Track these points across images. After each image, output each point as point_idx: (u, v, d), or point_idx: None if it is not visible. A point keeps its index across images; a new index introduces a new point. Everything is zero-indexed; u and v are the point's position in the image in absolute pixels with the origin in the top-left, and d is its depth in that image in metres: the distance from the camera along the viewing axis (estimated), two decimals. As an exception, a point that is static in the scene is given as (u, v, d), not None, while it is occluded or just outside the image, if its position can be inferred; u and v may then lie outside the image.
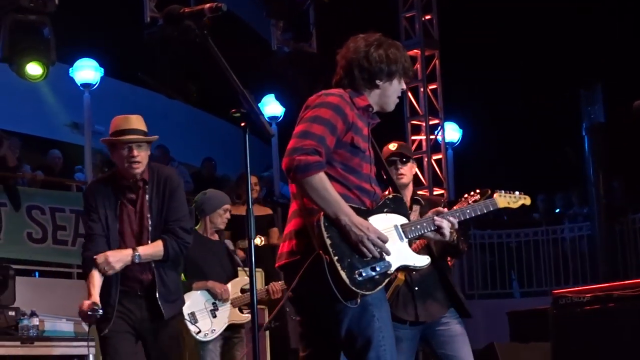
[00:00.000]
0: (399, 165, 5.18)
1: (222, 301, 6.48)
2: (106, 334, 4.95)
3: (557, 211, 14.49)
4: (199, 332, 6.33)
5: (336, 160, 3.81)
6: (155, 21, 9.66)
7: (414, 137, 12.80)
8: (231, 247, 6.89)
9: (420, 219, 4.11)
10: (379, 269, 3.75)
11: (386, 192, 4.08)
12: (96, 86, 11.66)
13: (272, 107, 13.47)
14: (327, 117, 3.76)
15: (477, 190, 4.57)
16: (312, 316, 3.92)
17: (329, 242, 3.66)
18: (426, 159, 12.62)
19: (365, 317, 3.74)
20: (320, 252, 3.67)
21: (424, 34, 12.81)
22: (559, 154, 13.74)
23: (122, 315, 4.98)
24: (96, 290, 4.90)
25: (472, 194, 4.58)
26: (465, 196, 4.59)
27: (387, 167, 4.19)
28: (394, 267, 3.83)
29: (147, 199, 5.02)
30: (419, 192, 5.67)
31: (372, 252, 3.72)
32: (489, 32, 14.20)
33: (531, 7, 14.15)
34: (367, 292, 3.70)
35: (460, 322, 5.22)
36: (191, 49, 9.16)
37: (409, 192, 5.21)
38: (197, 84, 9.95)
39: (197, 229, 6.54)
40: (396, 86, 4.00)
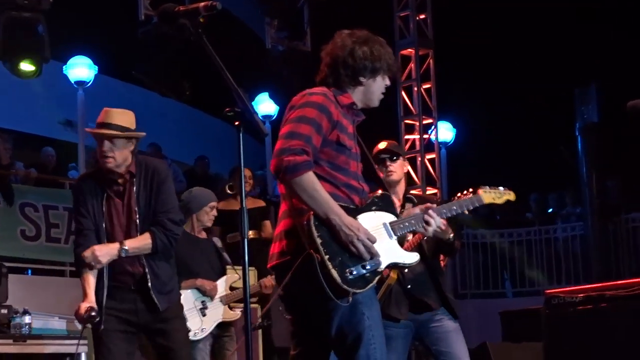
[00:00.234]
0: (388, 162, 5.19)
1: (212, 298, 6.47)
2: (99, 333, 4.90)
3: (550, 211, 14.50)
4: (189, 331, 6.31)
5: (323, 159, 3.82)
6: (149, 19, 9.63)
7: (407, 137, 12.78)
8: (219, 244, 6.85)
9: (408, 216, 4.11)
10: (369, 267, 3.76)
11: (378, 191, 4.08)
12: (90, 84, 11.66)
13: (266, 105, 13.48)
14: (313, 116, 3.78)
15: (470, 189, 4.58)
16: (303, 315, 3.93)
17: (319, 241, 3.68)
18: (419, 159, 12.61)
19: (355, 316, 3.76)
20: (311, 251, 3.68)
21: (418, 33, 12.79)
22: (553, 153, 13.73)
23: (116, 313, 4.92)
24: (92, 290, 4.86)
25: (465, 193, 4.58)
26: (458, 195, 4.59)
27: (373, 164, 4.20)
28: (384, 265, 3.85)
29: (135, 192, 4.96)
30: (412, 191, 5.67)
31: (362, 252, 3.73)
32: (483, 31, 14.24)
33: (525, 7, 14.19)
34: (358, 290, 3.71)
35: (452, 318, 5.22)
36: (186, 47, 9.15)
37: (401, 190, 5.22)
38: (192, 82, 9.92)
39: (184, 227, 6.51)
40: (380, 83, 4.02)
